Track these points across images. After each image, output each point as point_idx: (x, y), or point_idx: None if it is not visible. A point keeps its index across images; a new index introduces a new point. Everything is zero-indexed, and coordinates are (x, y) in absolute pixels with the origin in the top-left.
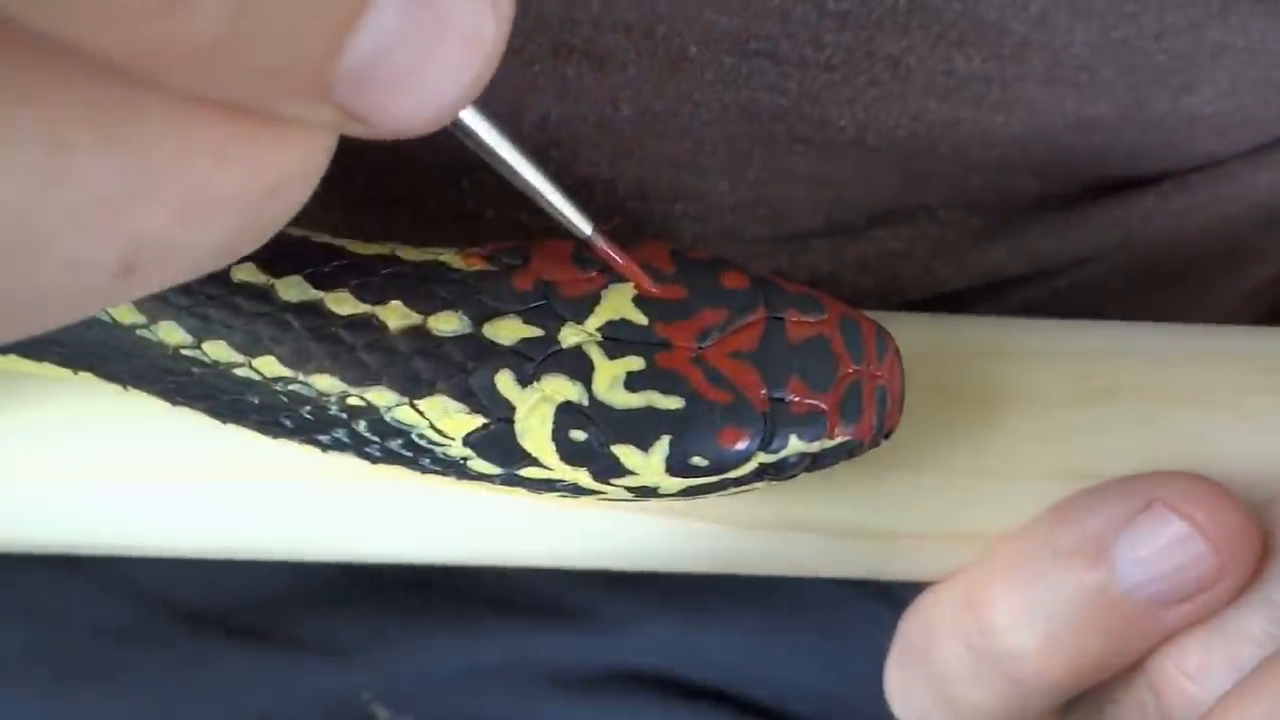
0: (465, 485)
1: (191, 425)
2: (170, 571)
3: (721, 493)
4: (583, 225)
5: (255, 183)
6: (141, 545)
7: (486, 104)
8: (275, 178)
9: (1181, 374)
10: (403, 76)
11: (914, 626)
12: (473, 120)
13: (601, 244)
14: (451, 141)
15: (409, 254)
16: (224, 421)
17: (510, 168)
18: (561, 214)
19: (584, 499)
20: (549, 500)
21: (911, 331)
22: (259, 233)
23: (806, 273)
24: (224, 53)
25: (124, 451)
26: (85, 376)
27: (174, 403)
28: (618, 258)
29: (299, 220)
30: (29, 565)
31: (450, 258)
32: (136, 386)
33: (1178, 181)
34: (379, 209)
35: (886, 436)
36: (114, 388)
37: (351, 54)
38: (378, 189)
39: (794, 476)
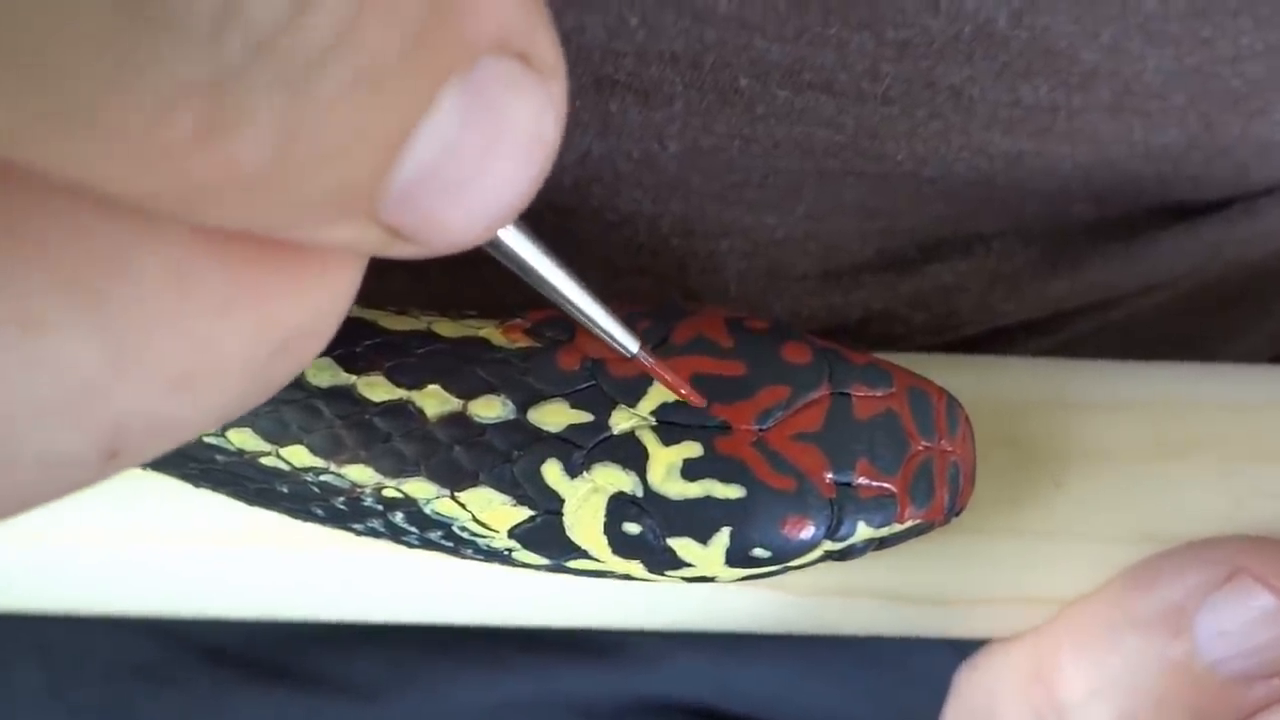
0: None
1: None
2: None
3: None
4: (629, 343)
5: (264, 339)
6: (162, 609)
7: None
8: (287, 329)
9: (1263, 424)
10: (458, 187)
11: (974, 688)
12: (509, 234)
13: (649, 361)
14: None
15: (446, 329)
16: (250, 505)
17: (549, 284)
18: (606, 332)
19: None
20: None
21: (973, 378)
22: (265, 392)
23: (860, 309)
24: (268, 180)
25: (146, 516)
26: None
27: (196, 486)
28: (666, 375)
29: None
30: None
31: (490, 332)
32: (156, 470)
33: (1245, 207)
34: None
35: (958, 514)
36: None
37: (406, 166)
38: None
39: (859, 557)
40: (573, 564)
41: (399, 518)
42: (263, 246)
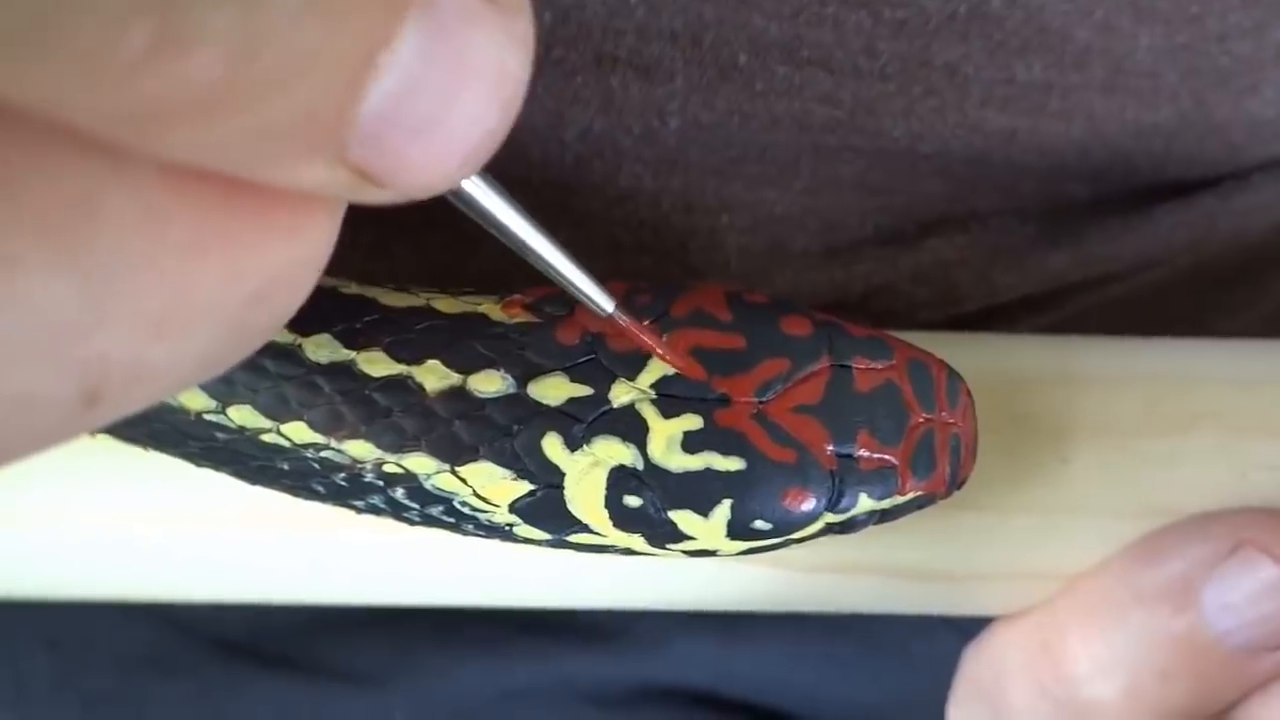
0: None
1: (215, 474)
2: None
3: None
4: (604, 302)
5: (240, 285)
6: (163, 594)
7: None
8: (261, 277)
9: (1265, 399)
10: (424, 124)
11: (980, 667)
12: (474, 187)
13: (625, 321)
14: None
15: (445, 305)
16: (252, 484)
17: (518, 239)
18: (580, 291)
19: None
20: None
21: (976, 355)
22: (247, 343)
23: (861, 284)
24: (224, 104)
25: (148, 498)
26: (102, 439)
27: (198, 465)
28: (644, 336)
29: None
30: None
31: (489, 308)
32: (157, 449)
33: (1238, 182)
34: (413, 234)
35: (959, 486)
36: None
37: (370, 100)
38: (413, 210)
39: (862, 530)
40: (574, 538)
41: (400, 493)
42: (233, 191)
